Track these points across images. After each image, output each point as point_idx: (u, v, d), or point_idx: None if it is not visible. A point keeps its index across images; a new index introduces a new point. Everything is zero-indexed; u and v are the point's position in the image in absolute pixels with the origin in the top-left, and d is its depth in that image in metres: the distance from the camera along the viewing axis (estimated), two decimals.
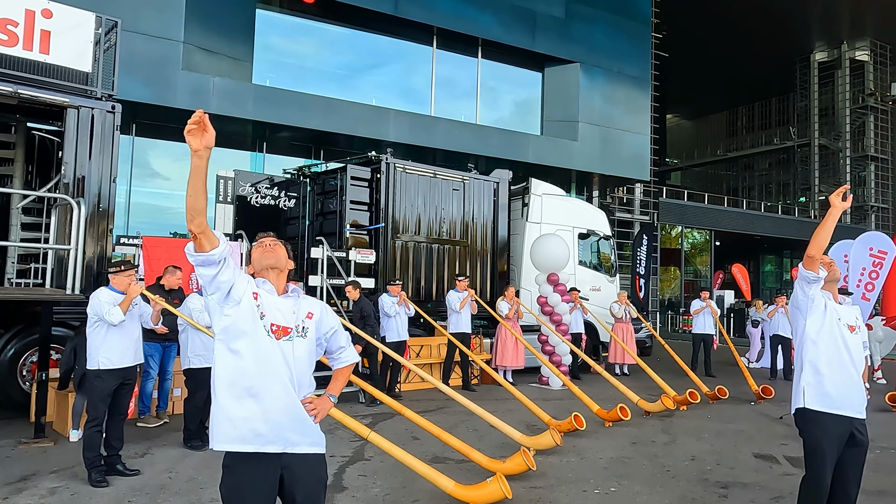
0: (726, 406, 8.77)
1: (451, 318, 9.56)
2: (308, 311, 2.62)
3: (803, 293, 3.44)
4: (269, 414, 2.43)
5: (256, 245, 2.69)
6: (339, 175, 10.41)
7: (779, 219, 33.61)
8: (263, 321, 2.47)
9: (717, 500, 4.84)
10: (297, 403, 2.50)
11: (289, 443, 2.48)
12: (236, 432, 2.41)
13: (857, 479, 3.49)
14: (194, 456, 5.68)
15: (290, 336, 2.51)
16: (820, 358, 3.43)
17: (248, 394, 2.42)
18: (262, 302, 2.50)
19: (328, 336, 2.73)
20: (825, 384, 3.42)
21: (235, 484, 2.43)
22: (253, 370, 2.43)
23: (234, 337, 2.45)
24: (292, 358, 2.50)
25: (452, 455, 5.68)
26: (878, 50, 37.77)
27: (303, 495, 2.51)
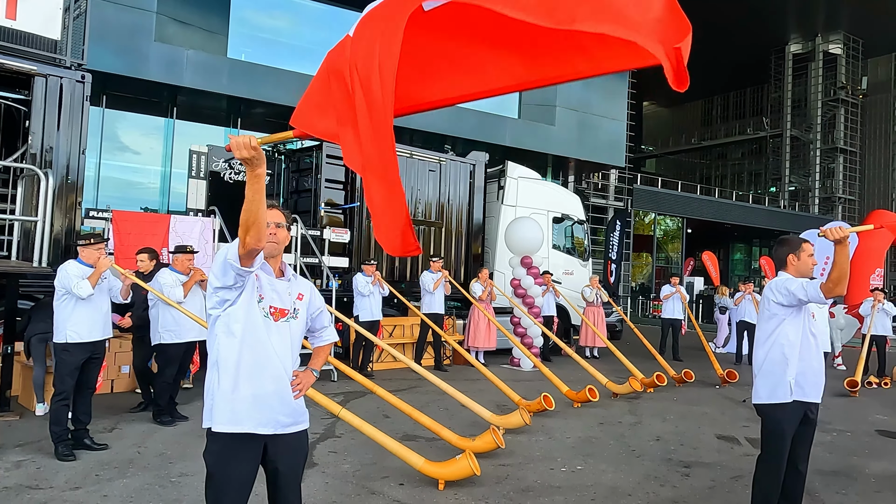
0: (692, 389, 8.97)
1: (424, 298, 9.60)
2: (299, 292, 2.64)
3: (798, 302, 3.43)
4: (263, 397, 2.47)
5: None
6: (315, 153, 10.32)
7: (749, 208, 34.20)
8: (262, 303, 2.49)
9: (679, 478, 4.97)
10: (289, 385, 2.54)
11: (279, 424, 2.52)
12: (234, 415, 2.44)
13: (806, 456, 3.62)
14: (163, 431, 5.66)
15: (287, 318, 2.55)
16: (794, 353, 3.49)
17: (245, 376, 2.45)
18: (261, 284, 2.51)
19: (314, 316, 2.77)
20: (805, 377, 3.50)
21: (221, 454, 2.45)
22: (250, 352, 2.45)
23: (234, 320, 2.45)
24: (288, 339, 2.54)
25: (423, 433, 5.74)
26: (850, 44, 38.38)
27: (284, 465, 2.56)
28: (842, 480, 5.06)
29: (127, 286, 5.24)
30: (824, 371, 3.63)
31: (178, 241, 7.60)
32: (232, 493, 2.46)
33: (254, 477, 2.51)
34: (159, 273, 5.88)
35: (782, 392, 3.46)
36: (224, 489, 2.45)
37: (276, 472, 2.56)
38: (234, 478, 2.46)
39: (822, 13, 35.39)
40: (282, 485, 2.58)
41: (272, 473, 2.58)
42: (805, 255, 3.54)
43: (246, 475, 2.48)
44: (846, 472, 5.31)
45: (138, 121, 15.72)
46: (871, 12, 33.68)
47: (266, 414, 2.47)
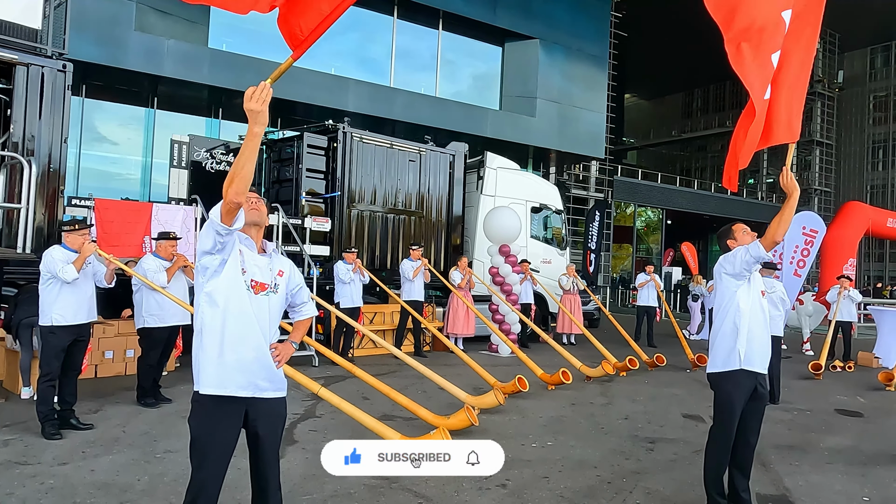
0: (663, 373, 9.27)
1: (404, 286, 9.79)
2: (279, 269, 2.83)
3: (748, 268, 3.68)
4: (245, 363, 2.66)
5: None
6: (296, 143, 10.44)
7: (728, 199, 34.69)
8: (244, 276, 2.67)
9: (644, 453, 5.23)
10: (268, 353, 2.73)
11: (258, 388, 2.71)
12: (217, 378, 2.64)
13: (757, 428, 3.86)
14: (148, 413, 5.81)
15: (267, 292, 2.73)
16: (745, 324, 3.72)
17: (228, 343, 2.63)
18: (244, 258, 2.70)
19: (293, 292, 2.97)
20: (752, 347, 3.73)
21: (205, 417, 2.65)
22: (233, 322, 2.64)
23: (219, 291, 2.64)
24: (267, 311, 2.73)
25: (401, 413, 5.95)
26: (827, 38, 38.94)
27: (264, 429, 2.75)
28: (796, 453, 5.34)
29: (111, 271, 5.38)
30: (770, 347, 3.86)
31: (160, 229, 7.72)
32: (214, 456, 2.65)
33: (235, 440, 2.70)
34: (143, 259, 6.02)
35: (732, 360, 3.70)
36: (207, 451, 2.64)
37: (256, 435, 2.75)
38: (217, 440, 2.65)
39: None
40: (262, 449, 2.77)
41: (252, 437, 2.76)
42: (740, 234, 3.80)
43: (228, 437, 2.67)
44: (801, 446, 5.60)
45: (118, 111, 15.69)
46: (848, 7, 34.20)
47: (247, 378, 2.66)
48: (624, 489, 4.31)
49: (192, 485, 2.67)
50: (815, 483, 4.58)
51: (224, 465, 2.70)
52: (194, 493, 2.65)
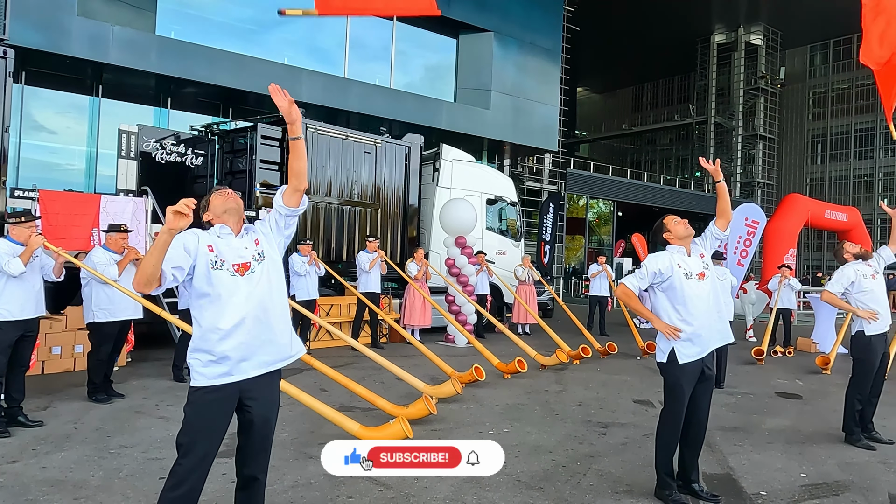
0: (615, 360, 9.53)
1: (360, 277, 9.79)
2: (255, 238, 2.88)
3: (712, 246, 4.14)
4: (246, 343, 2.71)
5: (216, 194, 2.91)
6: (249, 134, 10.30)
7: (676, 192, 35.67)
8: (225, 266, 2.72)
9: (597, 437, 5.40)
10: (269, 326, 2.77)
11: (263, 364, 2.77)
12: (216, 370, 2.68)
13: (705, 408, 4.03)
14: (99, 408, 5.70)
15: (252, 268, 2.78)
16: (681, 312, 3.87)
17: (225, 333, 2.68)
18: (218, 250, 2.74)
19: (272, 224, 2.96)
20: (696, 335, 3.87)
21: (200, 405, 2.69)
22: (226, 310, 2.68)
23: (201, 291, 2.70)
24: (258, 287, 2.76)
25: (359, 404, 5.99)
26: (770, 35, 40.29)
27: (257, 415, 2.80)
28: (740, 434, 5.60)
29: (60, 264, 5.24)
30: (721, 328, 4.00)
31: (109, 222, 7.52)
32: (203, 442, 2.69)
33: (226, 428, 2.75)
34: (92, 251, 5.88)
35: (681, 353, 3.85)
36: (197, 437, 2.67)
37: (249, 421, 2.79)
38: (208, 428, 2.70)
39: (745, 5, 37.01)
40: (253, 433, 2.82)
41: (245, 422, 2.80)
42: (672, 224, 3.96)
43: (219, 426, 2.73)
44: (745, 427, 5.87)
45: (60, 99, 15.11)
46: (789, 5, 35.45)
47: (245, 355, 2.71)
48: (578, 472, 4.45)
49: (174, 471, 2.68)
50: (757, 462, 4.82)
51: (211, 454, 2.74)
52: (177, 479, 2.66)
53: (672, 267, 3.84)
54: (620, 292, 4.02)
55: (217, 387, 2.68)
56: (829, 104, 41.77)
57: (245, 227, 2.89)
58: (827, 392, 7.62)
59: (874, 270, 5.43)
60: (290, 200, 2.91)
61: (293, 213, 2.93)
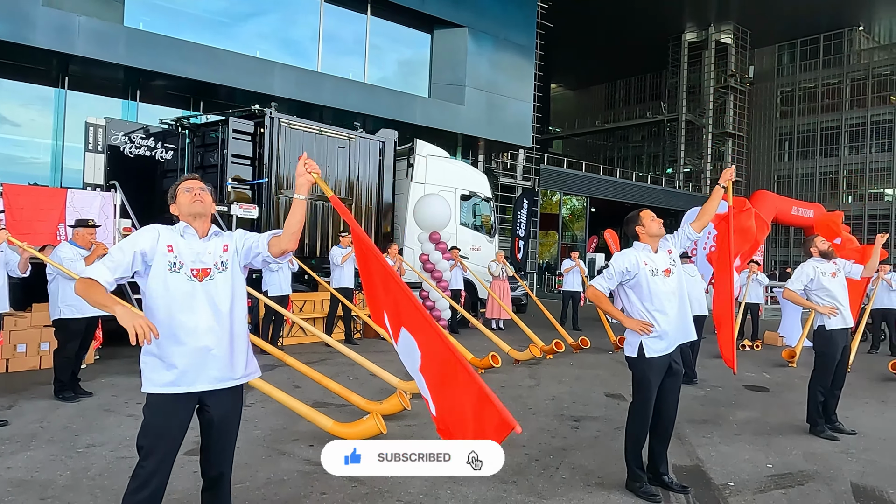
0: (588, 355, 9.63)
1: (334, 273, 9.74)
2: (224, 244, 2.76)
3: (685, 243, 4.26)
4: (198, 355, 2.60)
5: (184, 190, 2.75)
6: (221, 128, 10.16)
7: (648, 188, 36.12)
8: (183, 269, 2.61)
9: (569, 430, 5.46)
10: (225, 339, 2.66)
11: (217, 380, 2.66)
12: (165, 377, 2.59)
13: (674, 402, 4.10)
14: (66, 407, 5.59)
15: (211, 275, 2.66)
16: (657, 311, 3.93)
17: (176, 339, 2.58)
18: (178, 252, 2.63)
19: (247, 248, 2.79)
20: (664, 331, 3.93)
21: (158, 410, 2.61)
22: (181, 315, 2.58)
23: (156, 293, 2.60)
24: (216, 295, 2.65)
25: (333, 400, 5.96)
26: (739, 34, 40.94)
27: (219, 417, 2.72)
28: (709, 427, 5.71)
29: (25, 259, 5.12)
30: (686, 324, 4.07)
31: (76, 216, 7.38)
32: (164, 445, 2.62)
33: (186, 428, 2.69)
34: (59, 247, 5.76)
35: (648, 348, 3.91)
36: (158, 441, 2.61)
37: (210, 425, 2.72)
38: (169, 432, 2.63)
39: (715, 3, 37.55)
40: (214, 437, 2.75)
41: (207, 424, 2.73)
42: (648, 220, 3.99)
43: (179, 429, 2.66)
44: (713, 420, 5.98)
45: (24, 90, 14.75)
46: (758, 5, 36.06)
47: (199, 371, 2.61)
48: (551, 466, 4.49)
49: (137, 473, 2.63)
50: (725, 453, 4.91)
51: (172, 455, 2.67)
52: (140, 482, 2.61)
53: (638, 264, 3.90)
54: (591, 294, 4.08)
55: (171, 394, 2.61)
56: (796, 103, 42.62)
57: (214, 231, 2.78)
58: (792, 384, 7.79)
59: (836, 269, 5.55)
60: (274, 251, 2.77)
61: (270, 261, 2.81)
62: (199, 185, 2.77)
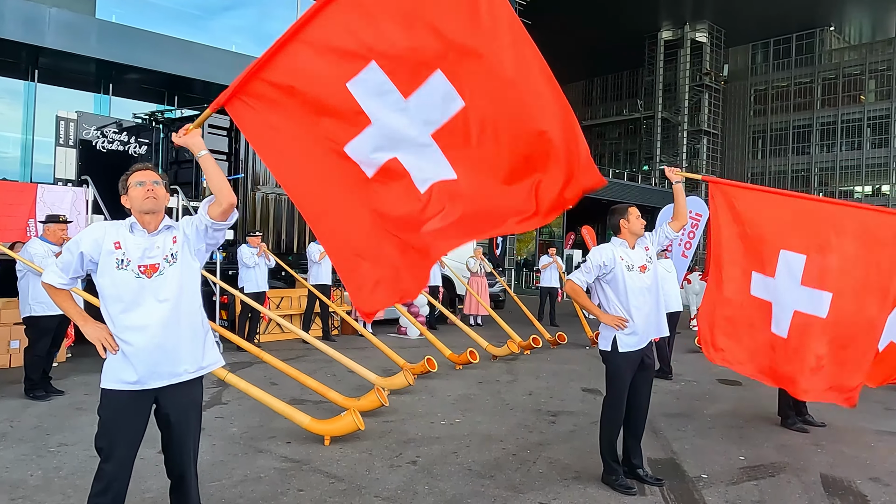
0: (565, 350, 9.71)
1: (311, 269, 9.68)
2: (173, 236, 2.67)
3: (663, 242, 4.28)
4: (149, 352, 2.54)
5: (136, 183, 2.62)
6: None
7: (625, 185, 36.43)
8: (130, 266, 2.54)
9: (546, 425, 5.50)
10: (177, 334, 2.60)
11: (172, 375, 2.60)
12: (121, 375, 2.54)
13: (647, 394, 4.15)
14: (37, 406, 5.48)
15: (161, 270, 2.58)
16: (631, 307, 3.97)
17: (128, 336, 2.53)
18: (126, 248, 2.56)
19: (194, 229, 2.68)
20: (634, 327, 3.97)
21: (112, 409, 2.56)
22: (131, 313, 2.53)
23: (107, 292, 2.55)
24: (166, 290, 2.58)
25: (310, 397, 5.94)
26: (714, 33, 41.46)
27: (176, 415, 2.66)
28: (682, 420, 5.79)
29: None
30: (659, 321, 4.12)
31: (47, 212, 7.24)
32: (121, 446, 2.57)
33: (143, 429, 2.64)
34: (29, 243, 5.65)
35: (621, 342, 3.96)
36: (115, 442, 2.56)
37: (168, 422, 2.66)
38: (125, 431, 2.58)
39: (690, 2, 37.97)
40: (174, 434, 2.69)
41: (165, 423, 2.67)
42: (633, 217, 4.04)
43: (136, 428, 2.61)
44: (687, 413, 6.07)
45: None
46: (733, 4, 36.55)
47: (152, 368, 2.56)
48: (528, 460, 4.52)
49: (99, 475, 2.58)
50: (699, 446, 4.99)
51: (132, 455, 2.63)
52: (103, 483, 2.56)
53: (615, 259, 3.96)
54: (569, 288, 4.14)
55: (126, 392, 2.55)
56: (769, 101, 43.29)
57: (165, 225, 2.67)
58: None
59: None
60: (214, 214, 2.64)
61: (217, 225, 2.66)
62: (153, 178, 2.63)
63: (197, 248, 2.71)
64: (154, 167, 2.72)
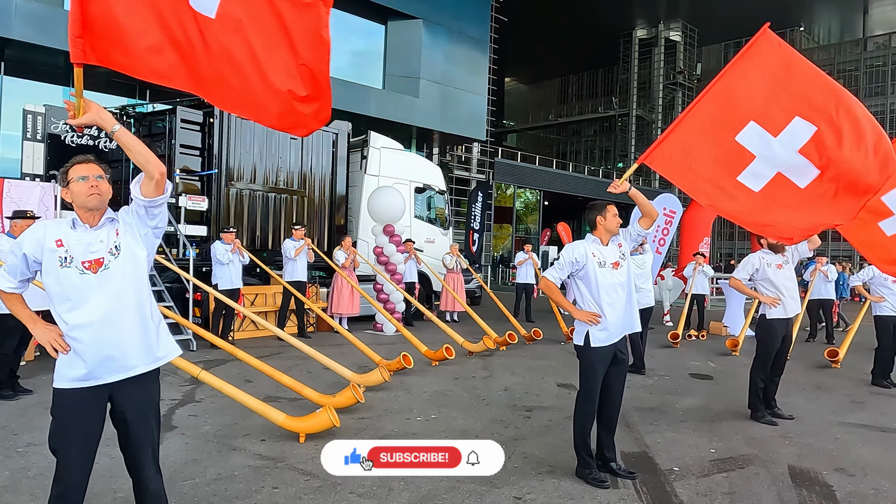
0: (540, 346, 9.78)
1: (286, 266, 9.61)
2: (115, 229, 2.58)
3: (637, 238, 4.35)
4: (99, 347, 2.48)
5: (78, 178, 2.52)
6: (168, 117, 9.90)
7: (600, 182, 36.70)
8: (74, 263, 2.47)
9: (522, 420, 5.54)
10: (127, 327, 2.53)
11: (125, 369, 2.54)
12: (72, 373, 2.49)
13: (620, 389, 4.21)
14: (5, 405, 5.38)
15: (106, 264, 2.51)
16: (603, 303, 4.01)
17: (77, 334, 2.47)
18: (68, 245, 2.49)
19: (133, 214, 2.60)
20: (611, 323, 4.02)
21: (65, 409, 2.50)
22: (80, 310, 2.47)
23: (51, 291, 2.49)
24: (113, 284, 2.51)
25: (285, 394, 5.90)
26: (688, 32, 41.96)
27: (132, 411, 2.60)
28: (656, 414, 5.87)
29: None
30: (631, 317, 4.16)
31: (13, 208, 7.08)
32: (77, 446, 2.51)
33: (100, 427, 2.58)
34: None
35: (594, 337, 4.01)
36: (69, 442, 2.50)
37: (124, 420, 2.60)
38: (79, 431, 2.52)
39: (665, 1, 38.37)
40: (132, 433, 2.62)
41: (120, 422, 2.61)
42: (610, 216, 4.08)
43: (91, 426, 2.54)
44: (660, 407, 6.15)
45: None
46: (706, 3, 37.01)
47: (104, 364, 2.50)
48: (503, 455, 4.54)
49: (56, 477, 2.53)
50: (671, 439, 5.07)
51: (89, 455, 2.56)
52: (62, 486, 2.51)
53: (587, 255, 4.01)
54: (543, 285, 4.21)
55: (79, 389, 2.49)
56: None
57: (108, 218, 2.58)
58: (735, 372, 8.07)
59: (783, 261, 5.76)
60: (147, 191, 2.54)
61: (153, 203, 2.56)
62: (96, 172, 2.53)
63: (143, 234, 2.62)
64: (96, 159, 2.59)
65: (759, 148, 4.20)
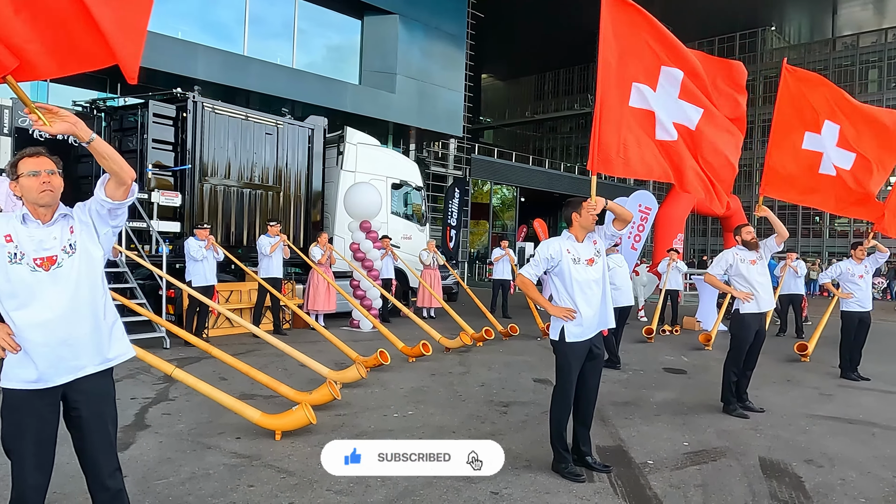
0: (517, 342, 9.83)
1: (262, 262, 9.53)
2: (69, 226, 2.51)
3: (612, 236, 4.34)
4: (51, 348, 2.41)
5: (29, 173, 2.42)
6: (140, 111, 9.72)
7: (576, 178, 36.98)
8: (24, 260, 2.39)
9: (498, 416, 5.57)
10: (79, 327, 2.46)
11: (76, 369, 2.47)
12: (22, 374, 2.41)
13: (595, 385, 4.25)
14: None
15: (59, 262, 2.43)
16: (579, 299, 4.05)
17: (28, 334, 2.39)
18: (18, 241, 2.40)
19: (92, 213, 2.54)
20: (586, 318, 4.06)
21: (15, 411, 2.43)
22: (30, 309, 2.39)
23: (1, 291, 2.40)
24: (67, 282, 2.44)
25: (260, 391, 5.86)
26: None
27: (87, 409, 2.52)
28: (630, 408, 5.94)
29: None
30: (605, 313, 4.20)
31: None
32: (32, 448, 2.44)
33: (54, 427, 2.51)
34: None
35: (569, 333, 4.04)
36: (23, 444, 2.43)
37: (79, 419, 2.52)
38: (32, 432, 2.45)
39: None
40: (87, 432, 2.55)
41: (75, 421, 2.53)
42: (586, 212, 4.11)
43: (45, 427, 2.47)
44: (635, 402, 6.23)
45: None
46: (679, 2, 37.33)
47: (56, 364, 2.43)
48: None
49: (14, 480, 2.45)
50: (646, 433, 5.13)
51: (46, 455, 2.49)
52: (19, 490, 2.44)
53: (561, 252, 4.05)
54: (519, 282, 4.28)
55: (29, 390, 2.42)
56: None
57: (61, 214, 2.50)
58: (708, 366, 8.20)
59: (756, 257, 5.86)
60: (115, 194, 2.48)
61: (121, 205, 2.51)
62: (47, 167, 2.44)
63: (102, 234, 2.56)
64: (47, 152, 2.49)
65: (654, 104, 4.58)
